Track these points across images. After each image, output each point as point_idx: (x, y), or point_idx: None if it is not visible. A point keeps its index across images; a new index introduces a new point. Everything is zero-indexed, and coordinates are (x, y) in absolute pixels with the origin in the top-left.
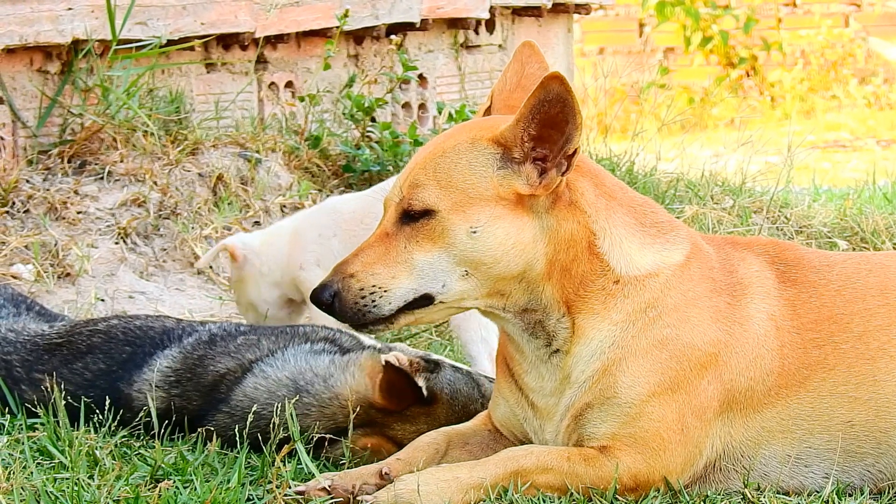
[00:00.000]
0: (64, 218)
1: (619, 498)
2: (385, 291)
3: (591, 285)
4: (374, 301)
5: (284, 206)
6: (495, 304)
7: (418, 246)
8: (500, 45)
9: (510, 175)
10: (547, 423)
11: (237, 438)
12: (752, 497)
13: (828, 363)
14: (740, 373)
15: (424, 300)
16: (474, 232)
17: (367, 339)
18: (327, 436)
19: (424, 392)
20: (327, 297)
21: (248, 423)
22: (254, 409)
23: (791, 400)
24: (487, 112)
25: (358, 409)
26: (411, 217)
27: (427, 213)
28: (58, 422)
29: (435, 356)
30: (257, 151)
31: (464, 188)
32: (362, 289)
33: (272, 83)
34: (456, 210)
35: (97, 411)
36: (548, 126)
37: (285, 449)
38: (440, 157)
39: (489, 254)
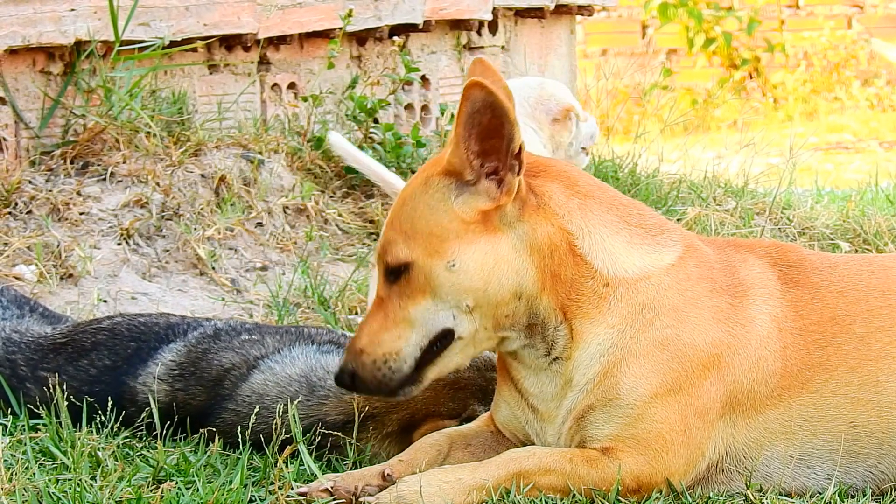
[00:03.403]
0: (66, 219)
1: (621, 499)
2: (396, 354)
3: (582, 289)
4: (390, 367)
5: (287, 208)
6: (505, 331)
7: (411, 300)
8: (502, 47)
9: (469, 199)
10: (548, 425)
11: (243, 436)
12: (755, 498)
13: (830, 364)
14: (743, 374)
15: (443, 339)
16: (452, 266)
17: None
18: (332, 436)
19: None
20: (347, 380)
21: (251, 419)
22: (263, 405)
23: (793, 401)
24: None
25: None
26: (395, 274)
27: (406, 267)
28: (60, 423)
29: None
30: (260, 152)
31: (428, 231)
32: (374, 361)
33: (275, 84)
34: (430, 254)
35: (100, 411)
36: (487, 137)
37: (288, 450)
38: (401, 208)
39: (476, 279)
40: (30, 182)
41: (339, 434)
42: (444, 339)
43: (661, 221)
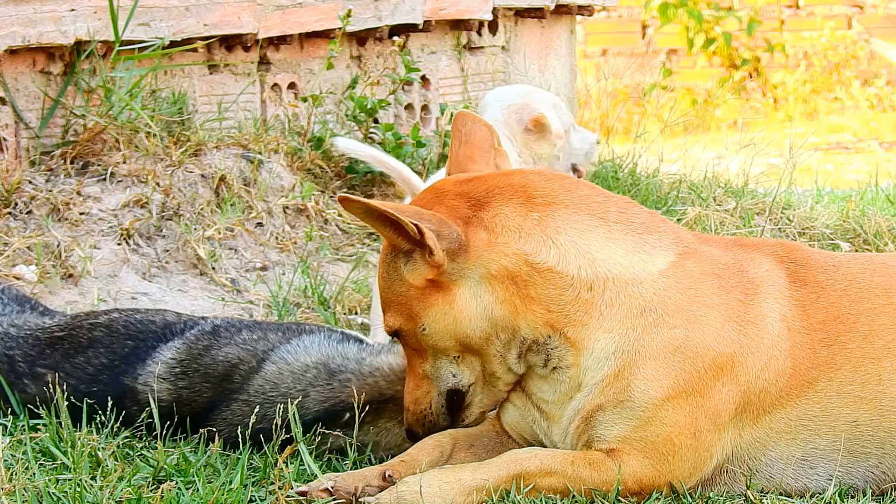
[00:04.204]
0: (66, 219)
1: (622, 499)
2: (429, 408)
3: (563, 299)
4: (430, 421)
5: (287, 208)
6: (505, 362)
7: (420, 359)
8: (502, 47)
9: (413, 267)
10: (555, 426)
11: (242, 435)
12: (755, 499)
13: (835, 363)
14: (756, 374)
15: (457, 396)
16: (423, 330)
17: (370, 340)
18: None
19: None
20: (409, 436)
21: (253, 414)
22: (279, 393)
23: (799, 401)
24: None
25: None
26: (400, 339)
27: (400, 333)
28: (60, 423)
29: None
30: (260, 153)
31: (397, 299)
32: (417, 419)
33: (275, 84)
34: (408, 320)
35: (100, 411)
36: (389, 225)
37: (288, 450)
38: (378, 279)
39: (446, 337)
40: (30, 182)
41: (345, 434)
42: (457, 395)
43: (650, 220)
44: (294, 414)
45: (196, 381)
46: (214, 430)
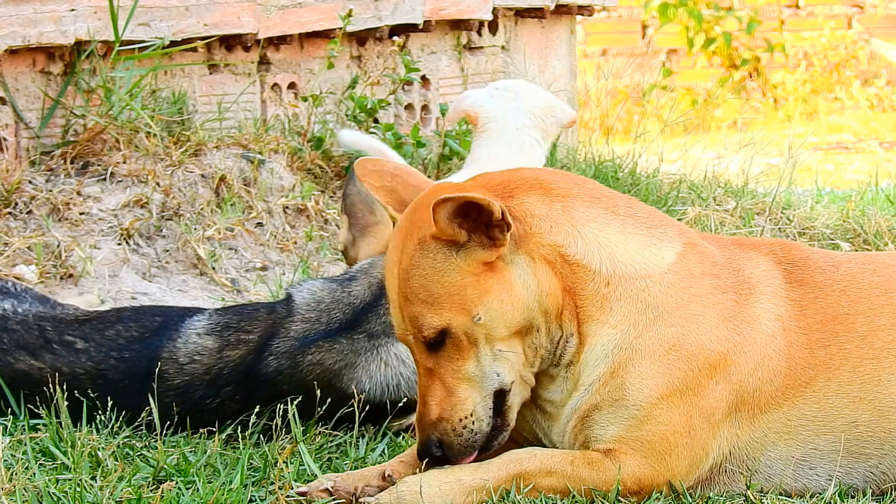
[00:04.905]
0: (66, 219)
1: (621, 500)
2: (472, 414)
3: (585, 292)
4: (472, 430)
5: (287, 208)
6: (539, 356)
7: (462, 362)
8: (502, 47)
9: (470, 252)
10: (554, 424)
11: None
12: (755, 499)
13: (833, 363)
14: (749, 374)
15: (501, 396)
16: (478, 319)
17: None
18: None
19: None
20: (436, 451)
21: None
22: (324, 303)
23: (797, 401)
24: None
25: None
26: (437, 344)
27: (445, 332)
28: (60, 423)
29: None
30: (260, 152)
31: (446, 291)
32: (454, 428)
33: (275, 84)
34: (458, 312)
35: (100, 410)
36: (465, 216)
37: (288, 450)
38: (409, 281)
39: (501, 326)
40: (30, 182)
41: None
42: (500, 396)
43: (653, 215)
44: (294, 415)
45: (243, 328)
46: (272, 365)
